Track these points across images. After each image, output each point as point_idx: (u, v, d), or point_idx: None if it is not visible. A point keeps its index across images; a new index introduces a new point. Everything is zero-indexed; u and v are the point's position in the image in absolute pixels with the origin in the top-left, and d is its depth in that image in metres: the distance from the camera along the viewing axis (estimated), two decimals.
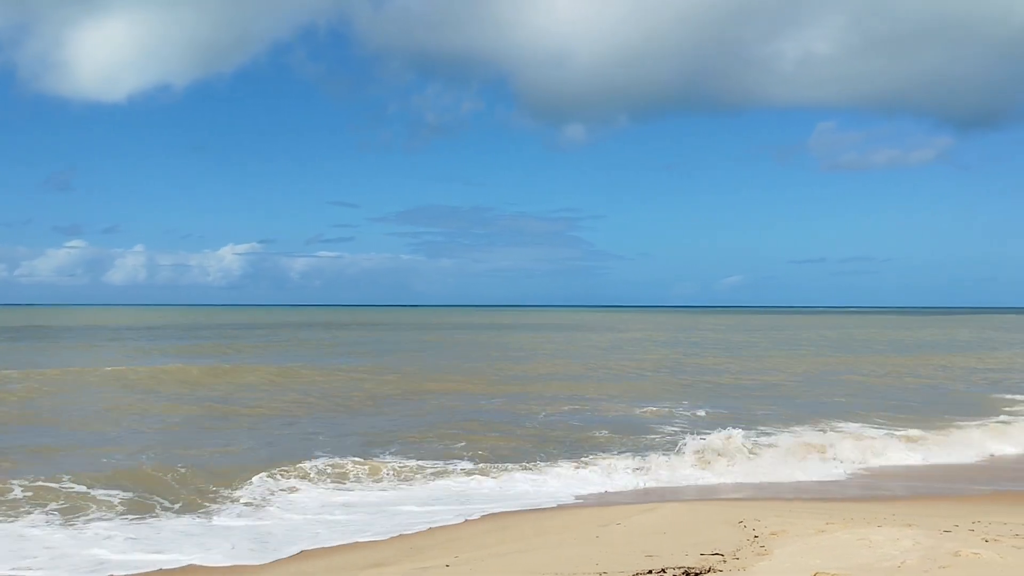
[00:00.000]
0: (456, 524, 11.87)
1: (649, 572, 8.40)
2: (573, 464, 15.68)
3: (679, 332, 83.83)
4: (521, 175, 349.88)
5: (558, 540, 10.47)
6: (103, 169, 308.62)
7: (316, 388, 28.23)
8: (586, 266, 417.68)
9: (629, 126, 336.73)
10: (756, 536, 9.91)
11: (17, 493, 12.79)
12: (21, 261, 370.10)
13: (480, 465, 15.60)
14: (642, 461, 15.74)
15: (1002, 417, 22.23)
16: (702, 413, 22.85)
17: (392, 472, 14.91)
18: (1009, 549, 8.76)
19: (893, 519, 10.86)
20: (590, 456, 16.37)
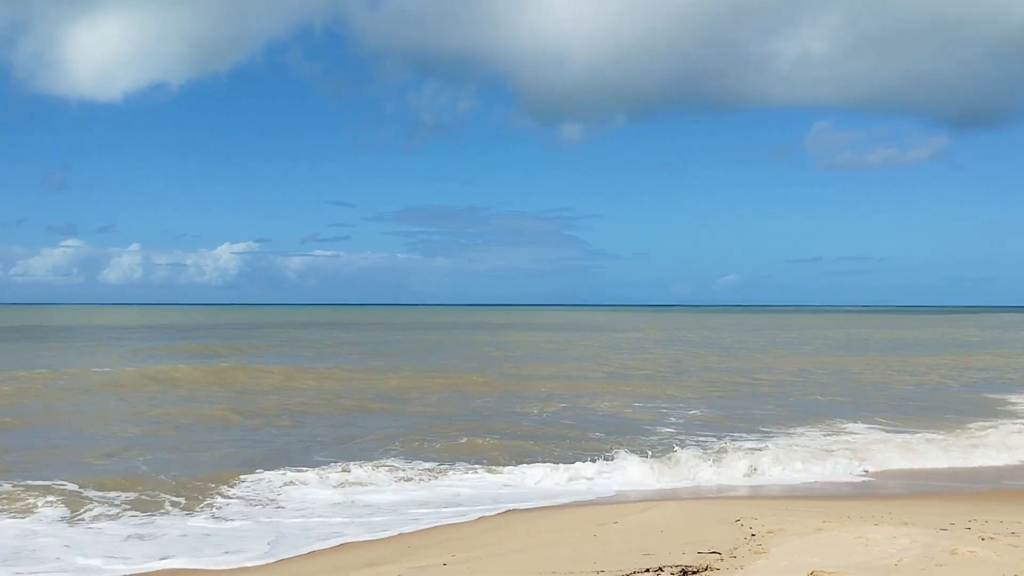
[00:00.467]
0: (453, 523, 11.88)
1: (647, 570, 8.41)
2: (569, 464, 15.67)
3: (678, 331, 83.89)
4: (518, 174, 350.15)
5: (556, 539, 10.48)
6: (99, 168, 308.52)
7: (316, 389, 28.21)
8: (583, 265, 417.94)
9: (626, 126, 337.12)
10: (753, 535, 9.92)
11: (17, 495, 12.78)
12: (16, 260, 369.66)
13: (479, 465, 15.60)
14: (630, 462, 15.60)
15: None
16: (696, 412, 22.87)
17: (391, 472, 14.89)
18: (1005, 547, 8.79)
19: (890, 517, 10.89)
20: (587, 456, 16.36)
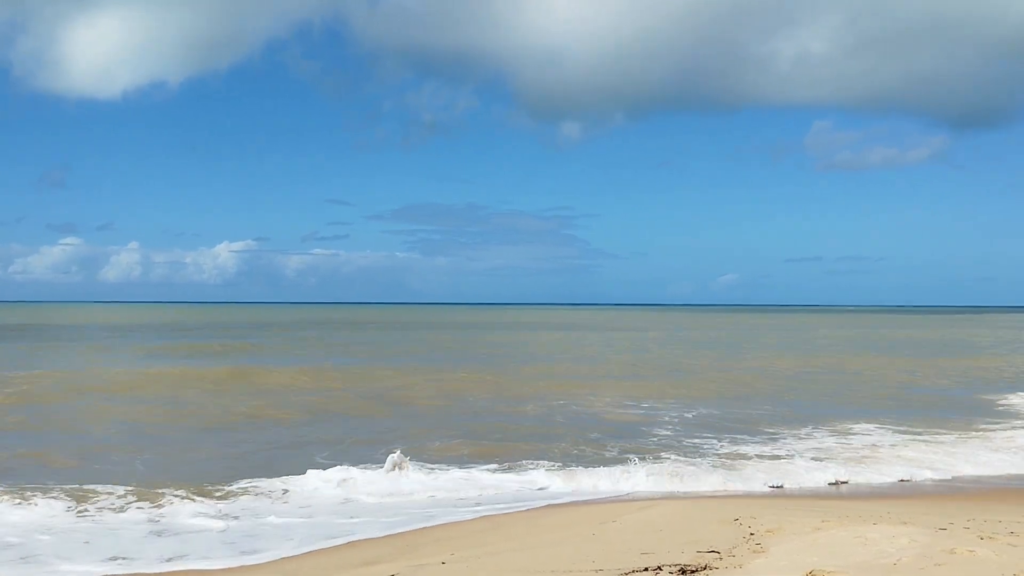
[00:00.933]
0: (452, 522, 11.89)
1: (645, 570, 8.39)
2: (568, 464, 15.68)
3: (677, 331, 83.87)
4: (516, 173, 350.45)
5: (554, 538, 10.46)
6: (97, 166, 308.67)
7: (317, 389, 28.19)
8: (581, 264, 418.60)
9: (625, 125, 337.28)
10: (752, 534, 9.90)
11: (17, 496, 12.76)
12: (15, 258, 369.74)
13: (479, 465, 15.61)
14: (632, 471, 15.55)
15: None
16: (696, 413, 22.87)
17: (391, 472, 14.86)
18: (1004, 547, 8.78)
19: (889, 517, 10.87)
20: (586, 456, 16.36)
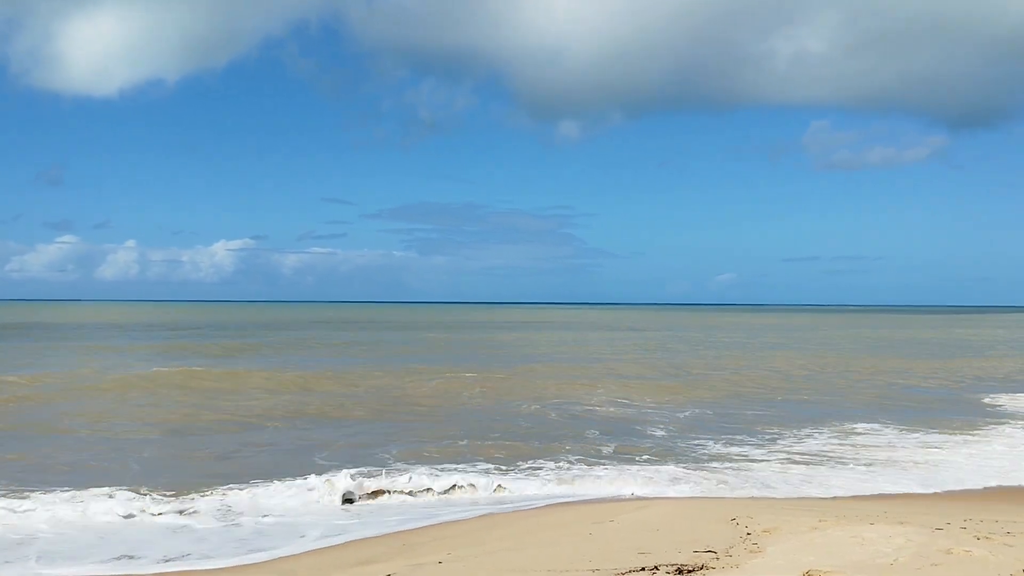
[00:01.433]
0: (449, 522, 11.89)
1: (642, 569, 8.39)
2: (565, 463, 15.69)
3: (675, 330, 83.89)
4: (515, 172, 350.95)
5: (551, 537, 10.47)
6: (94, 164, 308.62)
7: (317, 390, 28.12)
8: (579, 264, 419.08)
9: (623, 124, 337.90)
10: (749, 533, 9.90)
11: (17, 496, 12.75)
12: (12, 256, 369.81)
13: (477, 465, 15.60)
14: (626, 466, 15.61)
15: None
16: (696, 413, 22.87)
17: (391, 472, 14.86)
18: (1001, 547, 8.79)
19: (886, 517, 10.88)
20: (582, 456, 16.37)
